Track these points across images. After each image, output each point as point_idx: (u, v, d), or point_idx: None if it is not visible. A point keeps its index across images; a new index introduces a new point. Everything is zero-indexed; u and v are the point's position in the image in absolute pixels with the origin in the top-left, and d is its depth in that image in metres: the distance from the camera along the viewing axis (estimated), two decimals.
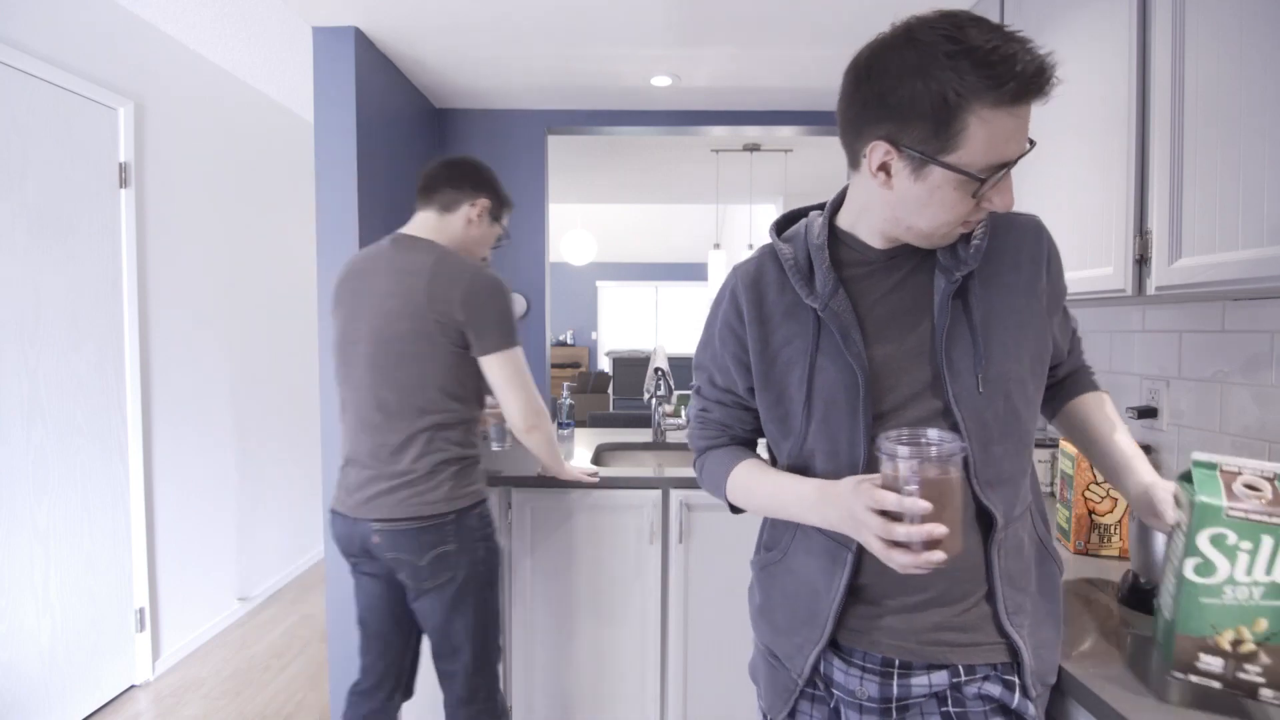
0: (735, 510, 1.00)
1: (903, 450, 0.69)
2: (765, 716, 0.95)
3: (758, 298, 0.88)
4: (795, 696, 0.90)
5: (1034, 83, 0.66)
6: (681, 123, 2.86)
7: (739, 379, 0.92)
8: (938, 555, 0.68)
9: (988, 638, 0.81)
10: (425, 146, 2.68)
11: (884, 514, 0.70)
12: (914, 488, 0.68)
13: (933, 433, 0.73)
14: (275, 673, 2.54)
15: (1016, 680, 0.81)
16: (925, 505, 0.68)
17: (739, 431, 0.98)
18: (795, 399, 0.84)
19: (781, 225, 0.92)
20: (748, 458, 0.96)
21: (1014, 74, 0.65)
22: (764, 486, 0.90)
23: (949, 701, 0.82)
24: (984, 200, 0.72)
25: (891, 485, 0.70)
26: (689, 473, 1.99)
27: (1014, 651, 0.81)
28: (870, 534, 0.71)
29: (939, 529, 0.67)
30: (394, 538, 1.41)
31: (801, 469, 0.87)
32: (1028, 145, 0.69)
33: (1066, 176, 1.45)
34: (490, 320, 1.45)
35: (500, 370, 1.47)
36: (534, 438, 1.58)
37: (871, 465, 0.78)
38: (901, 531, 0.69)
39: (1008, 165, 0.70)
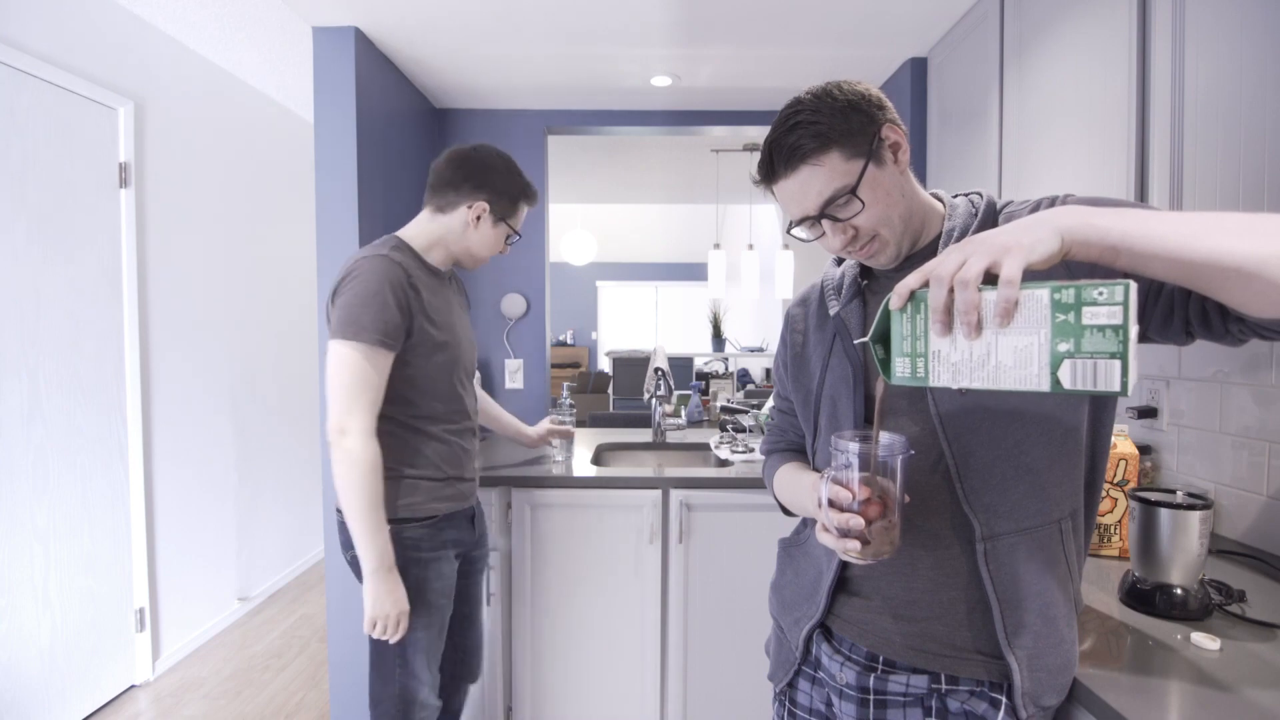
0: (786, 512, 1.07)
1: (841, 445, 0.75)
2: (773, 686, 1.04)
3: (802, 314, 1.00)
4: (794, 671, 0.97)
5: (763, 171, 0.84)
6: (681, 123, 2.86)
7: (789, 388, 1.02)
8: (851, 544, 0.74)
9: (976, 652, 0.81)
10: (425, 146, 2.68)
11: (833, 503, 0.76)
12: (853, 483, 0.74)
13: (883, 435, 0.75)
14: (275, 673, 2.54)
15: (1004, 700, 0.80)
16: (845, 496, 0.74)
17: (793, 436, 1.08)
18: (813, 396, 0.94)
19: None
20: (792, 461, 1.04)
21: (759, 166, 0.85)
22: (789, 483, 0.99)
23: (933, 712, 0.82)
24: (823, 240, 0.86)
25: (839, 479, 0.75)
26: (689, 473, 1.99)
27: (1006, 671, 0.80)
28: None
29: (854, 520, 0.73)
30: (340, 524, 1.36)
31: (824, 466, 0.92)
32: (808, 210, 0.82)
33: (1068, 176, 1.45)
34: (339, 303, 1.30)
35: (329, 359, 1.28)
36: (334, 455, 1.28)
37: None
38: (822, 516, 0.77)
39: (803, 221, 0.84)
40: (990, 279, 0.59)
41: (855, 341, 0.84)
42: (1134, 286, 0.55)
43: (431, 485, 1.42)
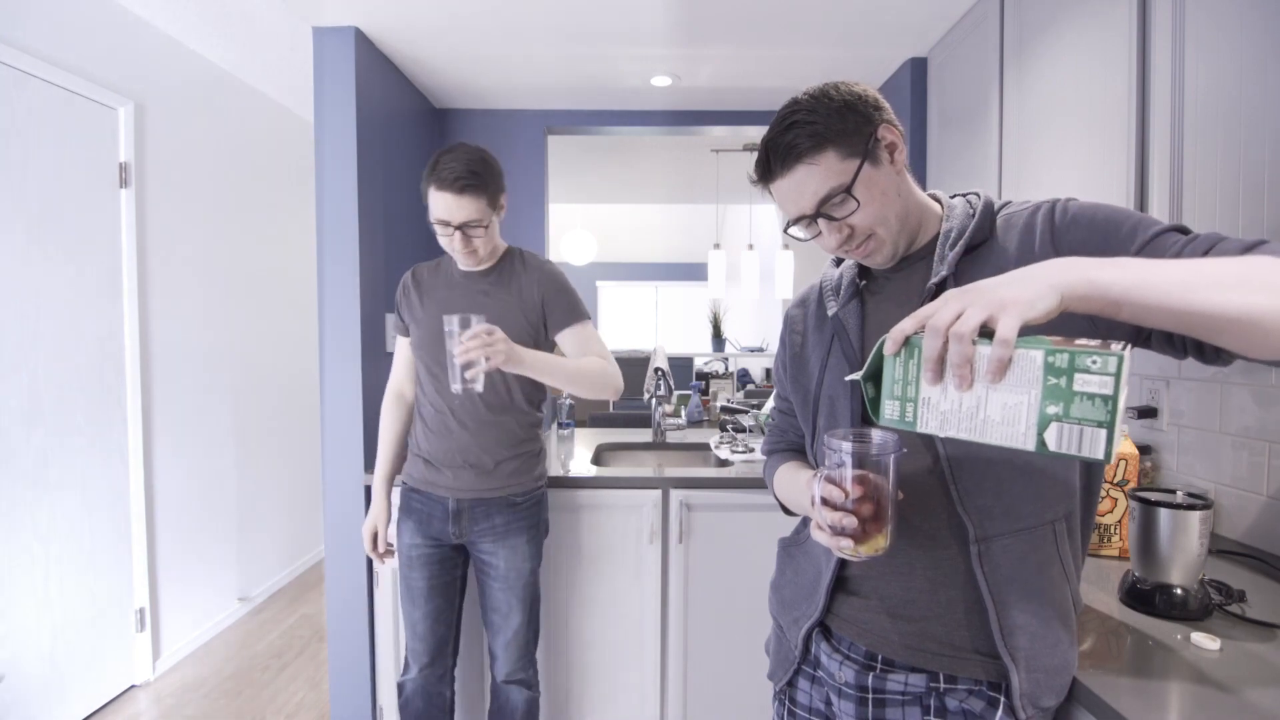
0: (787, 512, 1.07)
1: (833, 444, 0.75)
2: (773, 685, 1.03)
3: (801, 315, 1.00)
4: (794, 670, 0.97)
5: (760, 171, 0.84)
6: (681, 123, 2.86)
7: (789, 389, 1.02)
8: (845, 542, 0.74)
9: (974, 652, 0.81)
10: (425, 147, 2.68)
11: (826, 501, 0.75)
12: (846, 481, 0.74)
13: (875, 434, 0.75)
14: (275, 673, 2.54)
15: (1002, 699, 0.80)
16: (838, 494, 0.74)
17: (793, 437, 1.08)
18: (812, 397, 0.94)
19: None
20: (792, 461, 1.04)
21: (756, 166, 0.84)
22: (788, 482, 1.00)
23: (931, 711, 0.82)
24: (819, 240, 0.85)
25: (833, 477, 0.75)
26: (689, 473, 1.99)
27: (1004, 671, 0.80)
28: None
29: (847, 519, 0.73)
30: None
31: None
32: (804, 209, 0.82)
33: (1068, 177, 1.45)
34: None
35: None
36: None
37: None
38: (816, 514, 0.77)
39: (799, 220, 0.84)
40: (987, 331, 0.60)
41: (846, 379, 0.85)
42: (1127, 359, 0.56)
43: (409, 457, 1.67)
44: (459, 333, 1.30)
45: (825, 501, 0.75)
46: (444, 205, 1.46)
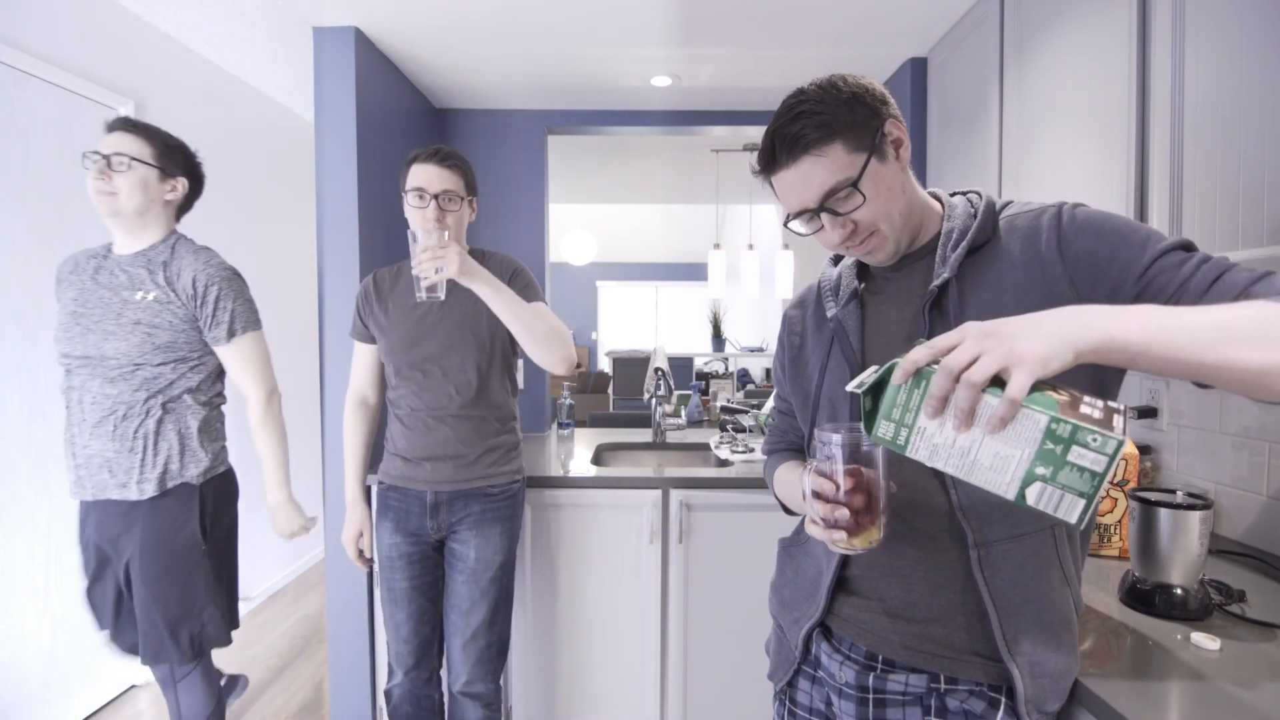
0: (788, 511, 1.07)
1: (824, 438, 0.75)
2: (773, 685, 1.03)
3: (800, 316, 1.01)
4: (794, 670, 0.97)
5: (764, 161, 0.83)
6: (681, 123, 2.86)
7: (788, 389, 1.02)
8: (838, 535, 0.74)
9: (974, 655, 0.81)
10: (425, 146, 2.68)
11: (818, 495, 0.76)
12: (837, 474, 0.74)
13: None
14: (275, 673, 2.54)
15: (1003, 700, 0.80)
16: (829, 487, 0.74)
17: (793, 437, 1.09)
18: (812, 398, 0.93)
19: None
20: (792, 460, 1.05)
21: (760, 156, 0.84)
22: (787, 481, 1.01)
23: (932, 711, 0.82)
24: (820, 235, 0.85)
25: (823, 470, 0.76)
26: (689, 473, 1.99)
27: (1006, 675, 0.80)
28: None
29: (839, 511, 0.73)
30: None
31: None
32: (808, 202, 0.81)
33: (1068, 176, 1.45)
34: None
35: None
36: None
37: None
38: (808, 508, 0.77)
39: (801, 214, 0.83)
40: (998, 380, 0.60)
41: (846, 389, 0.85)
42: (1126, 444, 0.58)
43: (385, 455, 1.66)
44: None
45: (817, 495, 0.75)
46: (423, 174, 1.52)
